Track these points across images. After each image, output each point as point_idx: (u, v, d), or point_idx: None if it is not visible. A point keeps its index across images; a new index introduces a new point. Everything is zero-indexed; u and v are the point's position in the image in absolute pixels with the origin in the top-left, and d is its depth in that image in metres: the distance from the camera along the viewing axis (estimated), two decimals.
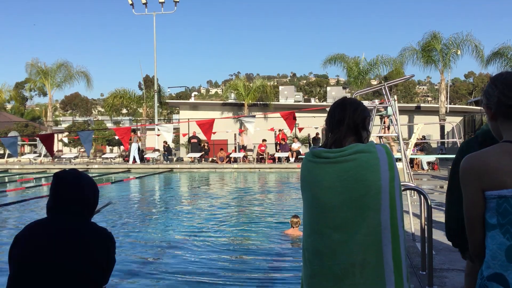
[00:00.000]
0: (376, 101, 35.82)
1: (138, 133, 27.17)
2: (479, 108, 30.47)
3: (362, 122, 2.05)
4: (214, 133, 12.81)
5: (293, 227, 8.53)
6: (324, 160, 1.97)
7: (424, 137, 23.88)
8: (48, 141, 8.66)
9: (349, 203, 1.88)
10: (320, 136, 26.58)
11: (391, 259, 1.84)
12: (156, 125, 21.26)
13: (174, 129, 27.18)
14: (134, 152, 25.74)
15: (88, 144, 8.04)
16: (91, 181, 2.25)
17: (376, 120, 12.81)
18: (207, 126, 9.47)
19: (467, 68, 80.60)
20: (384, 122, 13.28)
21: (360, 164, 1.90)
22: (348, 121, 2.03)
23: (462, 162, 1.67)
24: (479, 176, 1.61)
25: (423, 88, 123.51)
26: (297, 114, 11.87)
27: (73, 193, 2.15)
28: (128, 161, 26.64)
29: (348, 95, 37.47)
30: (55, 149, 27.97)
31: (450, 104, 30.39)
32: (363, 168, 1.89)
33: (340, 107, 2.09)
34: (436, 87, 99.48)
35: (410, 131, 24.83)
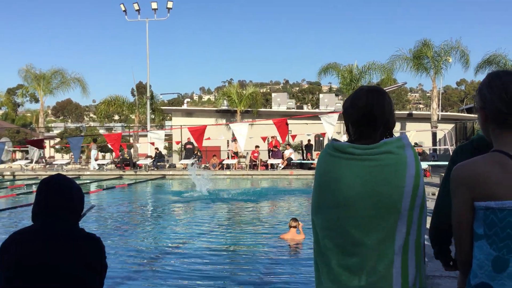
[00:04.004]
0: None
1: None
2: (470, 115, 30.73)
3: (390, 114, 1.90)
4: (208, 139, 12.79)
5: (291, 230, 8.53)
6: (348, 156, 1.83)
7: (416, 143, 24.00)
8: (37, 144, 8.63)
9: (369, 204, 1.77)
10: (312, 143, 26.64)
11: (399, 271, 1.76)
12: (148, 131, 21.23)
13: (166, 135, 27.13)
14: (93, 158, 26.17)
15: (77, 151, 8.03)
16: (77, 187, 2.24)
17: None
18: (199, 132, 9.48)
19: (459, 76, 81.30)
20: None
21: (386, 166, 1.78)
22: (377, 112, 1.86)
23: (453, 171, 1.67)
24: (469, 186, 1.59)
25: (415, 96, 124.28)
26: (290, 121, 11.94)
27: (61, 198, 2.13)
28: (120, 167, 26.55)
29: (341, 102, 37.63)
30: (47, 155, 27.83)
31: (442, 111, 30.58)
32: (389, 171, 1.77)
33: (366, 95, 1.90)
34: (428, 94, 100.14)
35: None
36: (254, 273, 6.72)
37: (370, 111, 1.87)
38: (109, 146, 29.90)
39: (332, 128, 11.14)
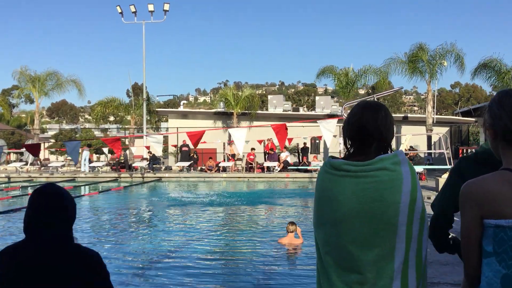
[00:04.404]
0: None
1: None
2: (466, 118, 30.88)
3: (386, 129, 1.90)
4: (204, 142, 12.78)
5: (289, 234, 8.54)
6: (343, 173, 1.84)
7: (411, 147, 24.08)
8: (34, 149, 8.63)
9: (364, 220, 1.78)
10: (308, 145, 26.68)
11: (399, 286, 1.76)
12: (146, 135, 21.20)
13: (152, 137, 27.10)
14: (85, 160, 26.19)
15: (75, 155, 8.02)
16: (69, 196, 2.16)
17: None
18: (197, 137, 9.47)
19: (453, 78, 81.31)
20: None
21: (381, 183, 1.77)
22: (370, 128, 1.87)
23: (462, 188, 1.69)
24: (478, 203, 1.62)
25: (410, 98, 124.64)
26: (275, 125, 12.00)
27: (55, 208, 2.04)
28: (115, 169, 26.50)
29: (337, 105, 37.74)
30: (42, 157, 27.71)
31: (436, 114, 30.71)
32: (383, 188, 1.77)
33: (361, 112, 1.93)
34: (422, 96, 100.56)
35: (398, 141, 25.03)
36: (251, 277, 6.73)
37: (363, 127, 1.88)
38: (103, 149, 30.08)
39: (331, 134, 11.15)
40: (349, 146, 1.96)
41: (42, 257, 1.96)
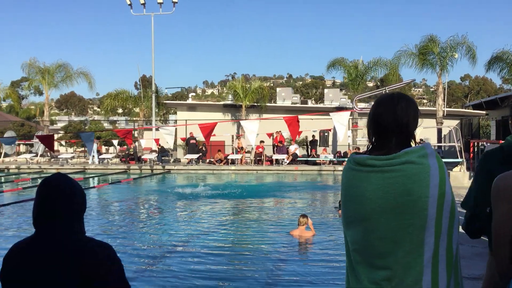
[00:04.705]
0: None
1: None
2: (476, 111, 30.63)
3: (405, 122, 1.84)
4: (213, 135, 12.77)
5: (300, 227, 8.54)
6: (369, 169, 1.81)
7: (421, 140, 23.93)
8: (46, 140, 8.66)
9: (392, 216, 1.74)
10: (317, 138, 26.61)
11: (429, 283, 1.73)
12: (158, 127, 21.24)
13: (165, 129, 27.15)
14: (94, 152, 26.19)
15: (90, 145, 8.05)
16: (79, 187, 2.08)
17: None
18: (209, 129, 9.46)
19: (463, 71, 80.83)
20: None
21: (408, 177, 1.73)
22: (387, 121, 1.84)
23: (496, 180, 1.66)
24: (509, 197, 1.59)
25: (419, 91, 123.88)
26: (287, 117, 11.93)
27: (65, 199, 1.96)
28: (124, 161, 26.63)
29: (346, 97, 37.57)
30: None
31: (445, 107, 30.49)
32: (411, 181, 1.72)
33: (378, 103, 1.90)
34: (431, 89, 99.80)
35: None
36: (262, 269, 6.72)
37: (381, 119, 1.86)
38: (113, 141, 30.22)
39: (344, 128, 11.05)
40: (373, 140, 1.92)
41: (51, 252, 1.89)
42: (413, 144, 1.87)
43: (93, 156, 26.50)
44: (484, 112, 29.75)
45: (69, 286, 1.84)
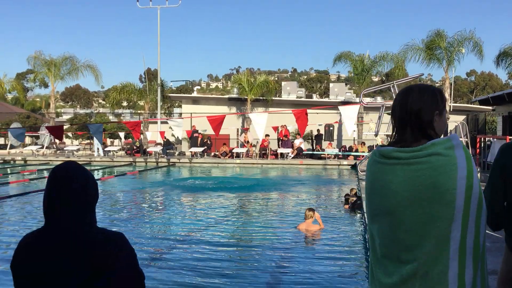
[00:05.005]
0: (379, 98, 35.88)
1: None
2: (483, 107, 30.46)
3: (420, 111, 1.83)
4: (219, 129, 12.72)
5: (307, 221, 8.54)
6: (394, 161, 1.79)
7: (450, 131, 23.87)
8: (56, 131, 8.69)
9: (419, 209, 1.73)
10: (322, 132, 26.57)
11: (456, 275, 1.72)
12: (167, 119, 21.27)
13: (174, 121, 27.14)
14: (99, 144, 26.35)
15: (99, 136, 8.08)
16: (92, 176, 2.03)
17: (384, 118, 12.81)
18: (217, 122, 9.44)
19: (468, 66, 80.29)
20: None
21: (434, 169, 1.71)
22: (399, 113, 1.86)
23: None
24: None
25: None
26: (296, 110, 11.90)
27: (78, 187, 1.91)
28: (130, 154, 26.69)
29: (351, 92, 37.46)
30: (57, 141, 27.95)
31: (452, 102, 30.38)
32: (437, 174, 1.70)
33: (399, 97, 1.90)
34: (437, 84, 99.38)
35: None
36: (268, 264, 6.71)
37: (395, 111, 1.89)
38: (120, 134, 30.27)
39: (352, 122, 10.99)
40: (394, 133, 1.92)
41: (63, 243, 1.85)
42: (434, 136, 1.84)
43: (98, 148, 26.58)
44: (490, 107, 29.60)
45: (81, 277, 1.82)
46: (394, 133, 1.91)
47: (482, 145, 20.17)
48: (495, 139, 18.86)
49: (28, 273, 1.86)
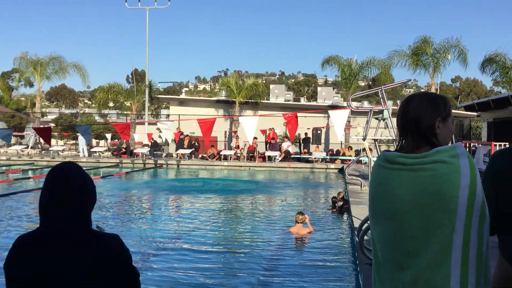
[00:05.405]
0: (365, 103, 36.14)
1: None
2: (468, 113, 30.82)
3: (419, 119, 1.85)
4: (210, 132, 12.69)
5: (298, 224, 8.57)
6: (398, 166, 1.80)
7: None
8: (44, 133, 8.61)
9: (421, 215, 1.73)
10: (310, 136, 26.67)
11: (458, 284, 1.71)
12: (156, 121, 21.15)
13: (163, 124, 26.95)
14: (83, 145, 26.13)
15: (87, 136, 8.02)
16: (89, 178, 2.02)
17: (372, 122, 12.93)
18: (207, 125, 9.43)
19: (453, 73, 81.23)
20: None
21: (439, 176, 1.71)
22: (401, 120, 1.89)
23: None
24: None
25: (410, 91, 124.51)
26: (287, 114, 11.95)
27: (77, 188, 1.91)
28: (116, 155, 26.50)
29: (339, 96, 37.62)
30: (43, 141, 27.63)
31: None
32: (441, 181, 1.70)
33: (402, 105, 1.93)
34: (422, 89, 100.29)
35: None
36: (258, 268, 6.70)
37: (398, 119, 1.92)
38: (106, 134, 30.03)
39: (342, 126, 11.05)
40: (399, 140, 1.95)
41: (62, 244, 1.84)
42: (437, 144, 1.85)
43: (83, 149, 26.35)
44: (475, 113, 29.98)
45: (79, 278, 1.82)
46: (399, 140, 1.94)
47: (468, 151, 20.42)
48: (480, 145, 19.12)
49: (24, 275, 1.84)
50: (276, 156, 24.58)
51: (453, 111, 2.12)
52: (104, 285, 1.86)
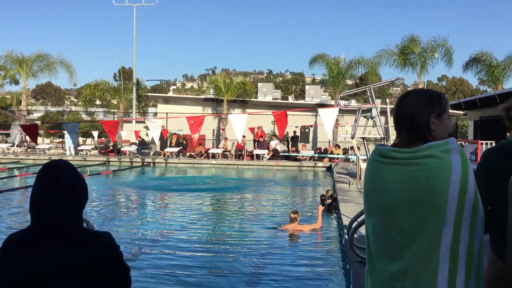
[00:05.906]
0: (353, 101, 36.33)
1: None
2: (454, 111, 31.09)
3: (414, 115, 1.85)
4: (198, 130, 12.62)
5: (292, 223, 8.61)
6: (390, 160, 1.82)
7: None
8: (30, 131, 8.51)
9: (411, 209, 1.73)
10: (298, 134, 26.69)
11: (446, 280, 1.70)
12: (144, 119, 21.01)
13: (151, 122, 26.77)
14: (69, 143, 25.72)
15: (74, 136, 7.94)
16: (81, 176, 2.01)
17: (360, 120, 12.98)
18: (196, 123, 9.39)
19: (440, 72, 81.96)
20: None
21: (429, 171, 1.71)
22: (397, 116, 1.90)
23: (511, 179, 1.68)
24: None
25: (397, 90, 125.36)
26: (276, 112, 11.96)
27: (70, 186, 1.89)
28: (103, 153, 26.28)
29: (326, 94, 37.73)
30: (29, 139, 27.31)
31: None
32: (432, 176, 1.70)
33: (398, 101, 1.94)
34: (409, 88, 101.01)
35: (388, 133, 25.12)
36: (245, 265, 6.70)
37: (394, 115, 1.94)
38: (93, 132, 29.74)
39: (331, 124, 11.09)
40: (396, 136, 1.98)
41: (57, 242, 1.81)
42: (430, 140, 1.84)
43: (70, 147, 26.08)
44: (462, 112, 30.27)
45: (76, 277, 1.79)
46: (396, 137, 1.96)
47: (460, 147, 20.57)
48: (467, 143, 19.29)
49: (17, 277, 1.80)
50: (264, 154, 24.57)
51: None
52: (100, 285, 1.85)
